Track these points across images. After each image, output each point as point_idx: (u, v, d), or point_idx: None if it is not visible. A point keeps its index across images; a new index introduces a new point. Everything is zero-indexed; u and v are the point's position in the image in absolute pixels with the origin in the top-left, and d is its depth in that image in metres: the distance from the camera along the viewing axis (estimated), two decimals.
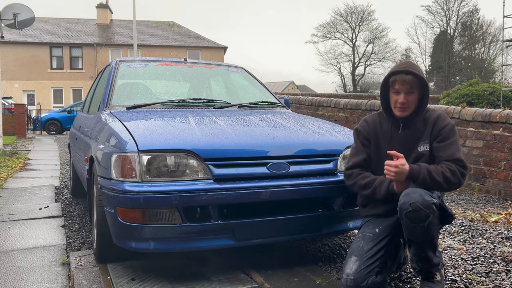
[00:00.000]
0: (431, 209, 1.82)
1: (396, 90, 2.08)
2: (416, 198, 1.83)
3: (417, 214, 1.82)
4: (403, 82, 2.04)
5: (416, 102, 2.08)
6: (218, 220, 2.17)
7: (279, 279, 2.27)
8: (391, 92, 2.12)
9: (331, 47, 66.25)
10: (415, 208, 1.81)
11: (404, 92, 2.05)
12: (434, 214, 1.84)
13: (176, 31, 32.83)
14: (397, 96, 2.08)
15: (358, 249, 2.01)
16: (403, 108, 2.07)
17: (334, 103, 7.29)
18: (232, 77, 3.93)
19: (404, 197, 1.88)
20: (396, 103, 2.09)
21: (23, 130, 14.97)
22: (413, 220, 1.84)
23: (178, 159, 2.17)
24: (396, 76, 2.07)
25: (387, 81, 2.12)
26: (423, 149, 2.08)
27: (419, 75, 2.05)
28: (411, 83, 2.04)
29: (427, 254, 1.94)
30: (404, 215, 1.85)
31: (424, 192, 1.86)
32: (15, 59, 27.76)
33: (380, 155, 2.15)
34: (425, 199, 1.82)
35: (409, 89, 2.05)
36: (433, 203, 1.83)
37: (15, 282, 2.33)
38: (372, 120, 2.24)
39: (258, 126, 2.69)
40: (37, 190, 5.02)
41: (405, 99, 2.05)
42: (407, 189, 1.92)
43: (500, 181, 4.69)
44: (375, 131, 2.20)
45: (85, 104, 4.46)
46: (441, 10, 40.94)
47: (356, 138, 2.25)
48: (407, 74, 2.04)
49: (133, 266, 2.45)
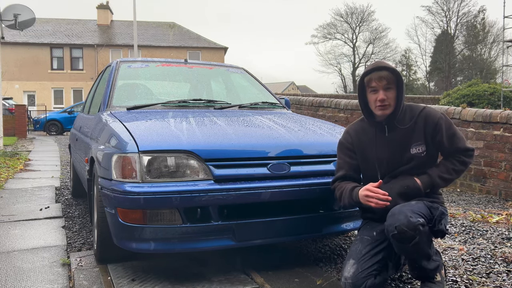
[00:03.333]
0: (417, 230, 1.80)
1: (374, 88, 2.02)
2: (401, 220, 1.81)
3: (403, 235, 1.81)
4: (380, 78, 1.99)
5: (395, 99, 2.02)
6: (218, 220, 2.17)
7: (279, 280, 2.27)
8: (368, 93, 2.05)
9: (331, 48, 66.52)
10: (400, 231, 1.80)
11: (381, 88, 2.00)
12: (421, 234, 1.81)
13: (177, 31, 32.85)
14: (376, 95, 2.01)
15: (356, 252, 2.00)
16: (383, 106, 2.00)
17: (335, 103, 7.29)
18: (232, 77, 3.93)
19: (390, 218, 1.87)
20: (376, 102, 2.02)
21: (23, 131, 14.97)
22: (399, 241, 1.84)
23: (179, 159, 2.17)
24: (371, 75, 2.02)
25: (363, 81, 2.07)
26: (416, 151, 2.02)
27: (394, 70, 2.01)
28: (387, 78, 1.99)
29: (420, 264, 1.95)
30: (391, 236, 1.85)
31: (410, 212, 1.83)
32: (15, 59, 27.77)
33: (368, 163, 2.12)
34: (411, 221, 1.79)
35: (386, 84, 1.99)
36: (419, 223, 1.80)
37: (16, 283, 2.33)
38: (354, 129, 2.19)
39: (259, 127, 2.69)
40: (37, 191, 5.02)
41: (384, 95, 1.99)
42: (393, 209, 1.89)
43: (501, 182, 4.69)
44: (358, 140, 2.15)
45: (86, 104, 4.46)
46: (441, 10, 41.02)
47: (338, 152, 2.22)
48: (382, 70, 2.01)
49: (133, 266, 2.45)
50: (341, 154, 2.20)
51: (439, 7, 41.06)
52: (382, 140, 2.08)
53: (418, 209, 1.87)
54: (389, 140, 2.06)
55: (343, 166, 2.17)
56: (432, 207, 1.95)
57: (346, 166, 2.16)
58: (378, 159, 2.08)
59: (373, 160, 2.09)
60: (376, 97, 2.02)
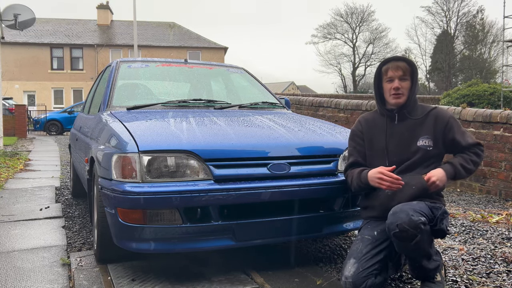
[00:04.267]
0: (418, 228, 1.81)
1: (390, 78, 2.12)
2: (403, 218, 1.82)
3: (404, 234, 1.82)
4: (397, 68, 2.10)
5: (409, 90, 2.11)
6: (218, 220, 2.17)
7: (279, 280, 2.27)
8: (384, 82, 2.15)
9: (331, 48, 66.41)
10: (402, 229, 1.82)
11: (397, 78, 2.09)
12: (422, 232, 1.83)
13: (177, 31, 32.85)
14: (391, 84, 2.11)
15: (357, 252, 2.01)
16: (397, 94, 2.09)
17: (335, 103, 7.29)
18: (232, 77, 3.93)
19: (391, 216, 1.88)
20: (390, 91, 2.11)
21: (23, 131, 14.97)
22: (401, 239, 1.85)
23: (179, 159, 2.17)
24: (389, 64, 2.13)
25: (380, 70, 2.16)
26: (423, 143, 2.07)
27: (410, 61, 2.13)
28: (403, 69, 2.10)
29: (421, 263, 1.95)
30: (392, 235, 1.86)
31: (412, 211, 1.84)
32: (15, 59, 27.77)
33: (376, 151, 2.16)
34: (412, 219, 1.81)
35: (402, 75, 2.10)
36: (421, 222, 1.81)
37: (16, 283, 2.33)
38: (366, 118, 2.27)
39: (259, 127, 2.69)
40: (37, 191, 5.02)
41: (399, 84, 2.09)
42: (394, 207, 1.91)
43: (501, 182, 4.69)
44: (368, 128, 2.22)
45: (86, 104, 4.46)
46: (441, 10, 41.01)
47: (349, 140, 2.29)
48: (399, 60, 2.12)
49: (133, 266, 2.45)
50: (352, 142, 2.27)
51: (439, 7, 41.10)
52: (392, 129, 2.14)
53: (420, 208, 1.89)
54: (398, 130, 2.12)
55: (353, 153, 2.24)
56: (433, 207, 1.96)
57: (356, 153, 2.23)
58: (386, 147, 2.12)
59: (382, 148, 2.13)
60: (391, 85, 2.11)
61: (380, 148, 2.14)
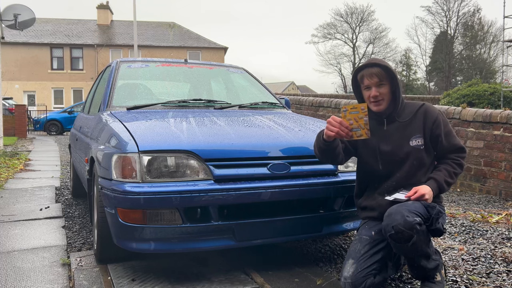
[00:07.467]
0: (414, 229, 1.80)
1: (367, 86, 2.07)
2: (398, 220, 1.81)
3: (400, 235, 1.81)
4: (371, 75, 2.04)
5: (389, 94, 2.06)
6: (218, 220, 2.17)
7: (279, 280, 2.27)
8: (362, 90, 2.11)
9: (331, 48, 66.50)
10: (398, 231, 1.81)
11: (374, 85, 2.05)
12: (418, 233, 1.82)
13: (177, 31, 32.85)
14: (369, 92, 2.07)
15: (355, 252, 2.00)
16: (377, 101, 2.05)
17: (335, 103, 7.29)
18: (232, 77, 3.93)
19: (387, 218, 1.87)
20: (370, 99, 2.07)
21: (23, 131, 14.97)
22: (397, 241, 1.84)
23: (179, 159, 2.17)
24: (363, 71, 2.07)
25: (356, 79, 2.12)
26: (416, 143, 2.05)
27: (385, 66, 2.05)
28: (378, 75, 2.03)
29: (420, 263, 1.95)
30: (389, 236, 1.86)
31: (407, 211, 1.83)
32: (15, 59, 27.78)
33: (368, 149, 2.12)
34: (407, 221, 1.80)
35: (378, 81, 2.04)
36: (416, 222, 1.80)
37: (16, 283, 2.33)
38: None
39: (259, 127, 2.69)
40: (37, 191, 5.02)
41: (376, 91, 2.04)
42: (390, 209, 1.90)
43: (501, 182, 4.69)
44: None
45: (86, 104, 4.46)
46: (441, 10, 41.03)
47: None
48: (373, 66, 2.05)
49: (133, 266, 2.45)
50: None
51: (439, 7, 41.11)
52: (382, 132, 2.11)
53: (415, 208, 1.87)
54: (389, 133, 2.10)
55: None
56: (429, 206, 1.95)
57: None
58: (378, 148, 2.10)
59: (374, 149, 2.11)
60: (369, 93, 2.07)
61: (372, 148, 2.12)
